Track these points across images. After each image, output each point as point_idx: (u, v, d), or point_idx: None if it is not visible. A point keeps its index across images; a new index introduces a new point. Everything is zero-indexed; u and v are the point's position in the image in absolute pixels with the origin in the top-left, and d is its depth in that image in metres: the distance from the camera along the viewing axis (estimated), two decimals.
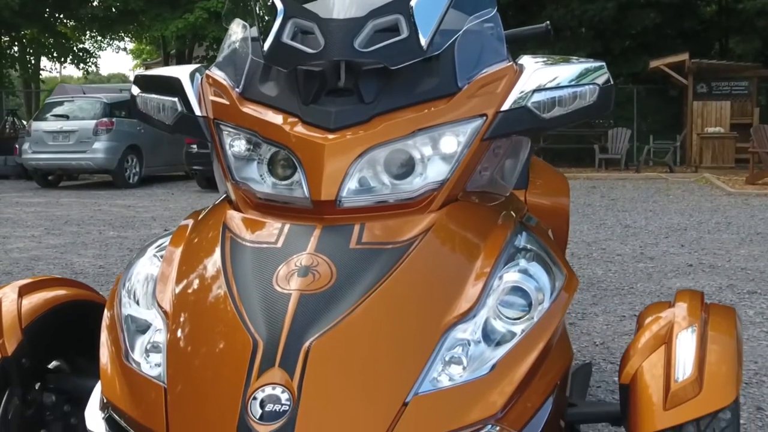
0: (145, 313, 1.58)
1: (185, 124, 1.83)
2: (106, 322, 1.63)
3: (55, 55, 28.46)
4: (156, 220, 9.31)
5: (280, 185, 1.65)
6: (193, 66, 1.94)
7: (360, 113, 1.61)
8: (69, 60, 28.80)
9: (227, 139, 1.73)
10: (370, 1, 1.68)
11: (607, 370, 3.33)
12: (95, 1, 24.81)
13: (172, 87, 1.85)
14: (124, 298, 1.62)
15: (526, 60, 1.78)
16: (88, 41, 30.84)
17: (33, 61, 28.52)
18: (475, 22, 1.80)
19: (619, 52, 19.03)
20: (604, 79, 1.74)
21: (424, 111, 1.63)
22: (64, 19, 26.52)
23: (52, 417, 1.85)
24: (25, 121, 19.48)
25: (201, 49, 24.80)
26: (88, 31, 28.20)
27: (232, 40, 1.88)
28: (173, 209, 10.60)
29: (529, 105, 1.68)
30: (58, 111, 14.91)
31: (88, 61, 29.65)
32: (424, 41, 1.64)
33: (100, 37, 30.93)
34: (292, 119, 1.65)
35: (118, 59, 53.68)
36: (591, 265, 5.89)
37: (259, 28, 1.78)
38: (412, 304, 1.46)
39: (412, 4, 1.62)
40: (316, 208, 1.60)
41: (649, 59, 17.72)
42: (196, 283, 1.57)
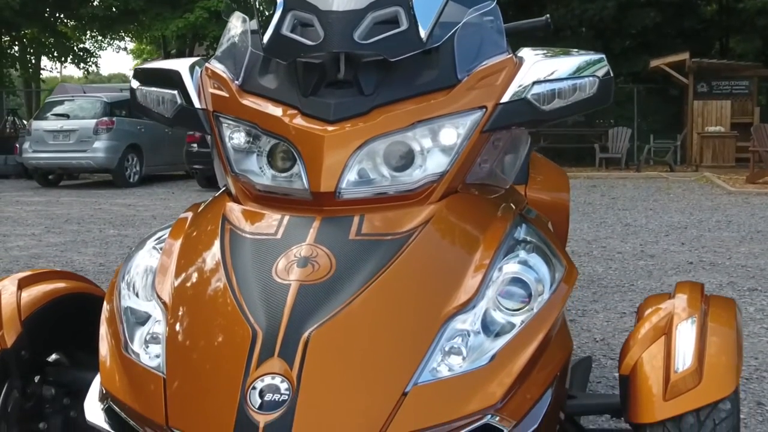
0: (144, 304, 1.58)
1: (185, 116, 1.83)
2: (105, 314, 1.63)
3: (55, 54, 28.45)
4: (156, 218, 9.31)
5: (279, 177, 1.65)
6: (192, 59, 1.94)
7: (359, 105, 1.61)
8: (69, 60, 28.80)
9: (227, 132, 1.73)
10: None
11: (607, 366, 3.33)
12: (95, 1, 24.82)
13: (171, 80, 1.85)
14: (123, 291, 1.62)
15: (525, 52, 1.78)
16: (88, 41, 30.84)
17: (33, 61, 28.51)
18: (475, 15, 1.80)
19: (620, 51, 19.03)
20: (604, 71, 1.74)
21: (423, 103, 1.63)
22: (64, 19, 26.52)
23: (51, 410, 1.85)
24: (25, 121, 19.46)
25: (201, 49, 24.82)
26: (88, 31, 28.20)
27: (231, 33, 1.88)
28: (174, 208, 10.59)
29: (528, 97, 1.68)
30: (58, 110, 14.90)
31: (89, 61, 29.64)
32: (423, 33, 1.64)
33: (100, 37, 30.92)
34: (292, 111, 1.65)
35: (118, 59, 53.67)
36: (591, 263, 5.88)
37: (259, 20, 1.78)
38: (411, 295, 1.46)
39: None
40: (315, 200, 1.60)
41: (650, 58, 17.71)
42: (195, 274, 1.57)
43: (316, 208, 1.60)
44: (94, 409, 1.52)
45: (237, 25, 1.87)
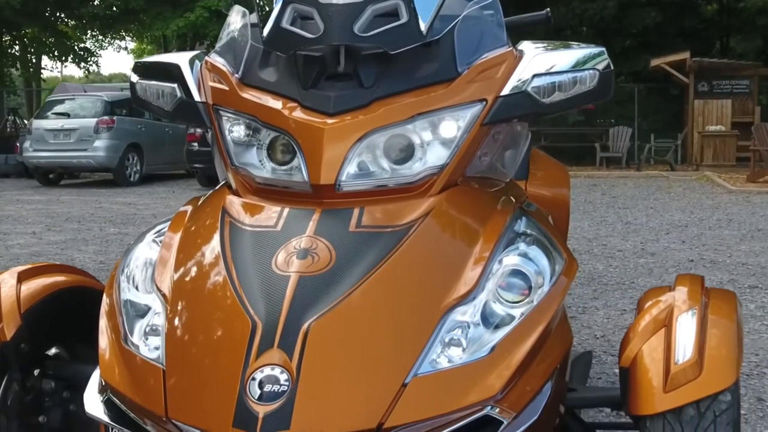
0: (144, 297, 1.58)
1: (184, 110, 1.83)
2: (105, 308, 1.62)
3: (56, 54, 28.47)
4: (157, 217, 9.31)
5: (279, 170, 1.65)
6: (192, 52, 1.94)
7: (359, 98, 1.61)
8: (70, 59, 28.82)
9: (227, 125, 1.73)
10: None
11: (607, 362, 3.33)
12: (96, 0, 24.81)
13: (171, 73, 1.85)
14: (122, 284, 1.62)
15: (526, 45, 1.78)
16: (89, 40, 30.86)
17: (34, 60, 28.54)
18: (475, 8, 1.80)
19: (620, 50, 19.01)
20: (604, 64, 1.74)
21: (423, 96, 1.63)
22: (65, 18, 26.53)
23: (51, 403, 1.85)
24: (26, 120, 19.47)
25: (202, 48, 24.81)
26: (89, 31, 28.21)
27: (231, 26, 1.88)
28: (174, 207, 10.58)
29: (528, 90, 1.68)
30: (59, 109, 14.90)
31: (89, 61, 29.67)
32: (423, 26, 1.64)
33: (101, 37, 30.94)
34: (292, 104, 1.65)
35: (119, 59, 53.81)
36: (592, 261, 5.88)
37: (259, 14, 1.78)
38: (411, 287, 1.46)
39: None
40: (315, 192, 1.60)
41: (650, 58, 17.69)
42: (195, 266, 1.57)
43: (316, 200, 1.60)
44: (93, 402, 1.51)
45: (237, 18, 1.87)
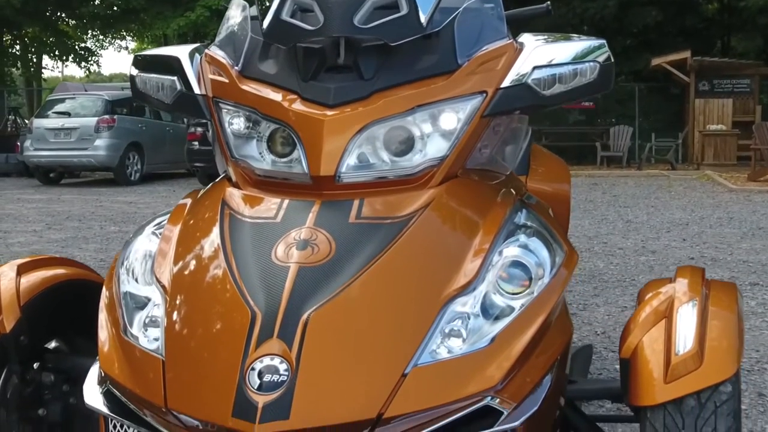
0: (143, 289, 1.57)
1: (184, 102, 1.82)
2: (104, 301, 1.62)
3: (56, 53, 28.47)
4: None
5: (279, 162, 1.65)
6: (192, 45, 1.94)
7: (359, 89, 1.61)
8: (71, 59, 28.82)
9: (226, 117, 1.73)
10: None
11: (608, 358, 3.32)
12: (97, 0, 24.81)
13: (171, 66, 1.85)
14: (122, 276, 1.62)
15: (526, 38, 1.78)
16: (89, 40, 30.87)
17: (35, 60, 28.54)
18: (475, 0, 1.80)
19: (621, 50, 18.97)
20: (604, 56, 1.74)
21: (423, 88, 1.63)
22: (65, 18, 26.53)
23: (50, 396, 1.84)
24: (26, 120, 19.46)
25: None
26: (89, 30, 28.21)
27: (231, 19, 1.88)
28: (175, 205, 10.58)
29: (529, 82, 1.68)
30: (59, 108, 14.89)
31: (90, 60, 29.67)
32: (423, 18, 1.64)
33: (101, 36, 30.94)
34: (292, 96, 1.65)
35: (120, 59, 53.73)
36: (593, 258, 5.87)
37: (259, 6, 1.78)
38: (410, 278, 1.45)
39: None
40: (315, 184, 1.60)
41: (651, 57, 17.67)
42: (194, 257, 1.56)
43: (316, 192, 1.60)
44: (92, 393, 1.51)
45: (237, 11, 1.86)
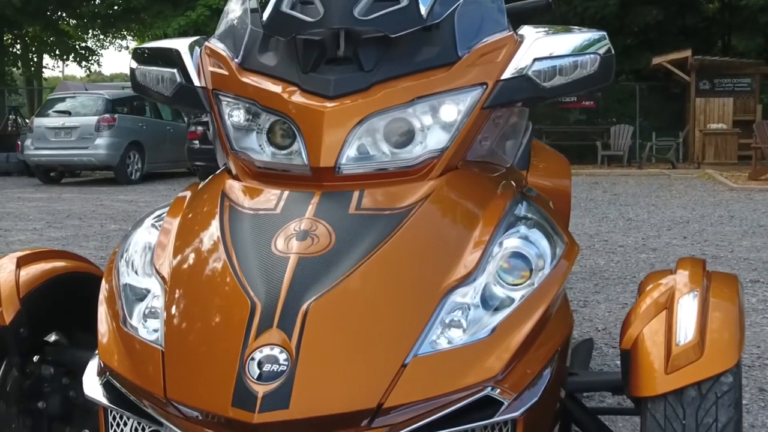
0: (143, 281, 1.57)
1: (184, 95, 1.82)
2: (104, 293, 1.62)
3: (57, 53, 28.48)
4: None
5: (279, 155, 1.65)
6: (192, 38, 1.94)
7: (359, 81, 1.61)
8: (71, 58, 28.83)
9: (226, 110, 1.73)
10: None
11: (609, 354, 3.32)
12: None
13: (170, 59, 1.85)
14: (122, 268, 1.61)
15: (526, 30, 1.77)
16: (90, 40, 30.87)
17: (35, 59, 28.54)
18: None
19: (622, 49, 18.95)
20: (605, 49, 1.73)
21: (423, 79, 1.63)
22: (66, 17, 26.53)
23: (50, 389, 1.84)
24: (27, 119, 19.46)
25: None
26: (90, 30, 28.21)
27: (231, 11, 1.88)
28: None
29: (529, 74, 1.68)
30: (60, 107, 14.89)
31: (91, 60, 29.68)
32: (424, 10, 1.64)
33: (102, 36, 30.95)
34: (291, 88, 1.64)
35: (120, 58, 53.73)
36: (593, 256, 5.87)
37: None
38: (410, 268, 1.45)
39: None
40: (315, 175, 1.59)
41: (652, 56, 17.67)
42: (194, 249, 1.56)
43: (316, 183, 1.59)
44: (92, 384, 1.51)
45: (237, 4, 1.86)
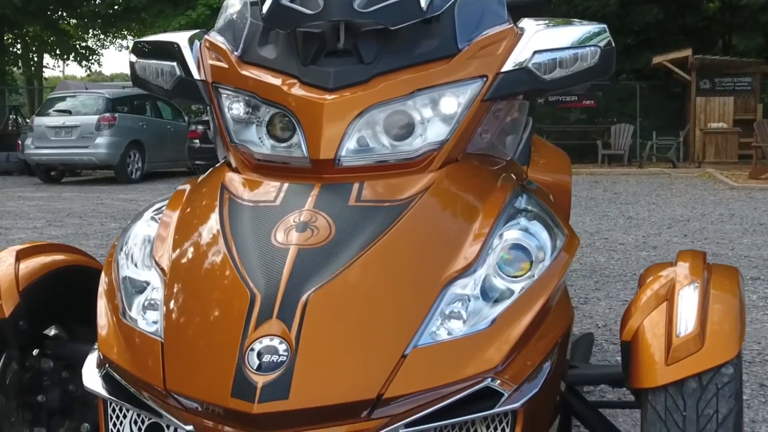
0: (143, 273, 1.57)
1: (184, 88, 1.82)
2: (103, 287, 1.62)
3: (57, 52, 28.49)
4: None
5: (279, 147, 1.64)
6: (191, 31, 1.93)
7: (359, 73, 1.61)
8: (72, 57, 28.84)
9: (226, 102, 1.73)
10: None
11: (609, 350, 3.32)
12: None
13: (170, 52, 1.84)
14: (121, 261, 1.61)
15: (526, 22, 1.77)
16: (90, 39, 30.88)
17: (36, 59, 28.55)
18: None
19: (622, 48, 18.94)
20: (605, 41, 1.73)
21: (423, 72, 1.63)
22: (66, 17, 26.54)
23: (49, 383, 1.84)
24: (27, 119, 19.46)
25: None
26: (90, 29, 28.22)
27: (231, 4, 1.87)
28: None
29: (529, 66, 1.67)
30: (60, 106, 14.88)
31: (91, 59, 29.69)
32: (423, 2, 1.63)
33: (102, 35, 30.96)
34: (291, 80, 1.64)
35: (121, 58, 53.73)
36: (594, 254, 5.87)
37: None
38: (410, 260, 1.45)
39: None
40: (314, 167, 1.59)
41: (652, 55, 17.66)
42: (193, 240, 1.56)
43: (316, 176, 1.59)
44: (91, 376, 1.51)
45: None
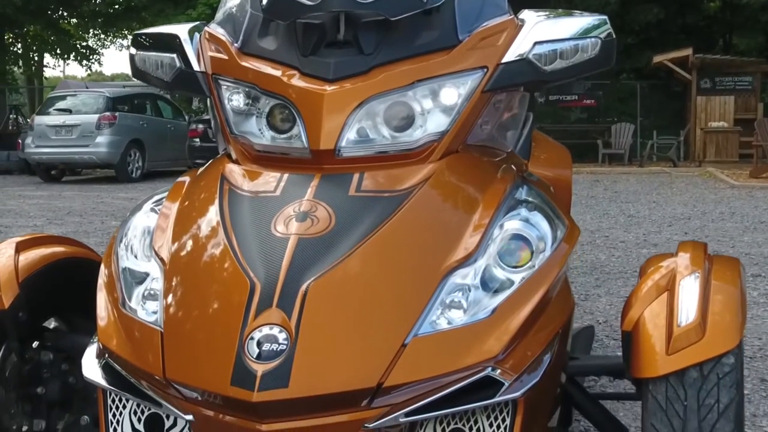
0: (142, 264, 1.57)
1: (184, 80, 1.82)
2: (103, 279, 1.61)
3: (58, 52, 28.48)
4: None
5: (279, 139, 1.64)
6: (191, 23, 1.93)
7: (359, 64, 1.61)
8: (72, 57, 28.83)
9: (226, 94, 1.72)
10: None
11: (610, 346, 3.32)
12: None
13: (170, 44, 1.84)
14: (121, 252, 1.61)
15: (527, 14, 1.77)
16: (91, 39, 30.88)
17: (36, 58, 28.54)
18: None
19: (623, 47, 18.93)
20: (606, 33, 1.73)
21: (423, 62, 1.63)
22: (67, 16, 26.53)
23: (49, 375, 1.84)
24: (28, 119, 19.45)
25: None
26: (91, 29, 28.21)
27: None
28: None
29: (530, 57, 1.67)
30: (60, 105, 14.87)
31: (92, 59, 29.68)
32: None
33: (103, 35, 30.95)
34: (291, 71, 1.64)
35: (121, 58, 53.73)
36: (594, 251, 5.86)
37: None
38: (410, 249, 1.45)
39: None
40: (315, 158, 1.59)
41: (653, 55, 17.64)
42: (193, 231, 1.56)
43: (316, 166, 1.59)
44: (91, 366, 1.50)
45: None
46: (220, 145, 1.89)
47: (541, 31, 1.69)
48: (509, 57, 1.67)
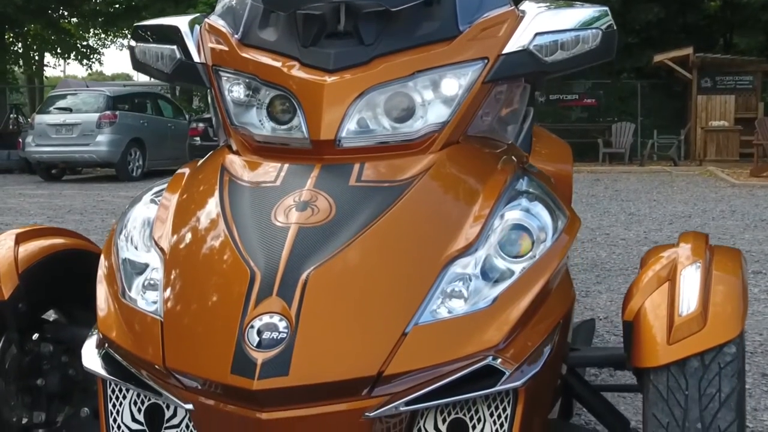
0: (142, 255, 1.56)
1: (184, 71, 1.82)
2: (103, 270, 1.61)
3: (58, 51, 28.48)
4: None
5: (279, 129, 1.64)
6: (191, 15, 1.93)
7: (360, 54, 1.60)
8: (73, 56, 28.83)
9: (226, 85, 1.72)
10: None
11: (610, 342, 3.31)
12: None
13: (170, 36, 1.84)
14: (120, 243, 1.61)
15: (528, 5, 1.77)
16: (91, 38, 30.87)
17: (36, 58, 28.54)
18: None
19: (623, 47, 18.93)
20: (607, 24, 1.73)
21: (424, 53, 1.63)
22: (67, 16, 26.53)
23: (49, 366, 1.83)
24: (28, 118, 19.44)
25: None
26: (91, 28, 28.21)
27: None
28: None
29: (531, 48, 1.67)
30: (61, 104, 14.86)
31: (92, 58, 29.68)
32: None
33: (103, 34, 30.95)
34: (291, 62, 1.64)
35: (121, 58, 53.74)
36: (595, 249, 5.86)
37: None
38: (411, 239, 1.44)
39: None
40: (315, 148, 1.59)
41: (653, 54, 17.63)
42: (193, 221, 1.56)
43: (316, 156, 1.59)
44: (91, 356, 1.50)
45: None
46: (220, 137, 1.88)
47: (541, 22, 1.69)
48: (510, 48, 1.67)
